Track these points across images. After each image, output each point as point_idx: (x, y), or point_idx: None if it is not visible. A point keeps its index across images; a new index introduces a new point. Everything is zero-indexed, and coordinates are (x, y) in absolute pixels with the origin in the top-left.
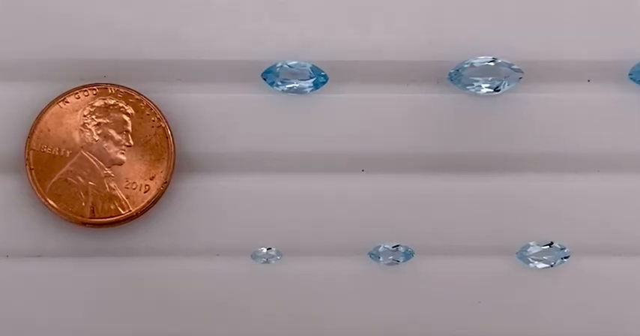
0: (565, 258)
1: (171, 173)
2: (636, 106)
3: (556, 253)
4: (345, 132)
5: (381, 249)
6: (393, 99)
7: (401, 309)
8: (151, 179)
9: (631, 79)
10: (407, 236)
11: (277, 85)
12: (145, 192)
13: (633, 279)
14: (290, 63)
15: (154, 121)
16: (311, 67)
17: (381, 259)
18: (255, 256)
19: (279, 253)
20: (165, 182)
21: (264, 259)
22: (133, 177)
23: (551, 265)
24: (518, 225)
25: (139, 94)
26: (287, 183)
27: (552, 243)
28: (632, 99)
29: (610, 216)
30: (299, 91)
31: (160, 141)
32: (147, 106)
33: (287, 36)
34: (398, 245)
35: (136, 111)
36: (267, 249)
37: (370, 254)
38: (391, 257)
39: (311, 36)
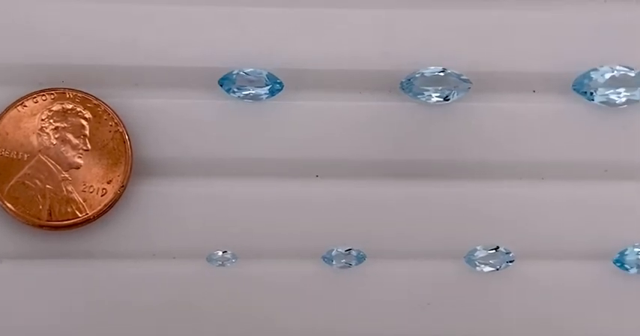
0: (510, 262)
1: (129, 177)
2: (579, 116)
3: (501, 257)
4: (299, 138)
5: (334, 252)
6: (347, 107)
7: (353, 311)
8: (108, 183)
9: (574, 90)
10: (359, 240)
11: (233, 92)
12: (102, 195)
13: (575, 282)
14: (246, 70)
15: (111, 125)
16: (267, 75)
17: (333, 263)
18: (210, 259)
19: (234, 256)
20: (123, 186)
21: (220, 262)
22: (90, 180)
23: (497, 269)
24: (466, 230)
25: (97, 98)
26: (242, 187)
27: (498, 247)
28: (576, 109)
29: (553, 222)
30: (255, 97)
31: (117, 145)
32: (104, 110)
33: (244, 44)
34: (350, 249)
35: (94, 115)
36: (223, 252)
37: (323, 258)
38: (344, 261)
39: (267, 44)
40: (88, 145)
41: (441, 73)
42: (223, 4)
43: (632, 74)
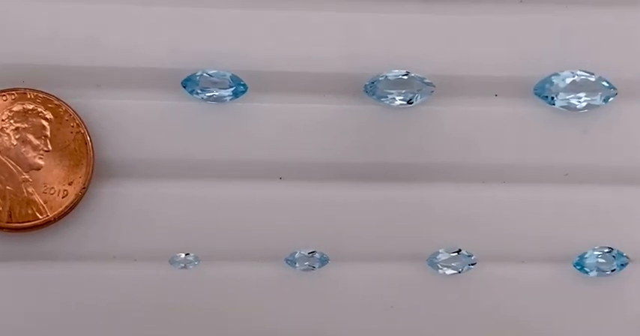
0: (472, 265)
1: (90, 179)
2: (540, 120)
3: (463, 260)
4: (263, 140)
5: (297, 255)
6: (311, 109)
7: (316, 314)
8: (69, 184)
9: (536, 94)
10: (322, 243)
11: (197, 93)
12: (63, 197)
13: (536, 285)
14: (210, 72)
15: (73, 126)
16: (231, 77)
17: (297, 265)
18: (173, 261)
19: (196, 258)
20: (84, 187)
21: (182, 265)
22: (51, 182)
23: (459, 272)
24: (428, 232)
25: (59, 99)
26: (205, 189)
27: (460, 250)
28: (537, 113)
29: (514, 225)
30: (218, 99)
31: (78, 146)
32: (66, 111)
33: (208, 45)
34: (314, 251)
35: (55, 116)
36: (185, 254)
37: (286, 260)
38: (307, 263)
39: (232, 46)
40: (49, 146)
41: (405, 77)
42: (187, 4)
43: (593, 79)
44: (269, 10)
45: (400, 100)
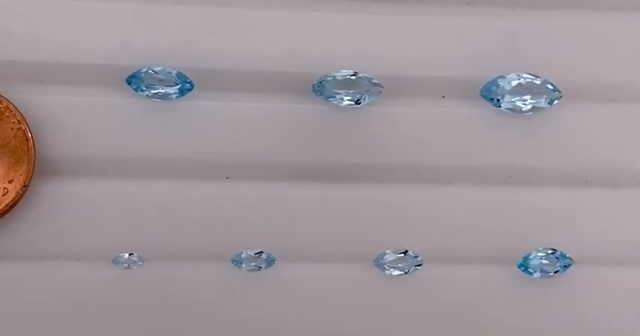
0: (418, 265)
1: (31, 177)
2: (486, 122)
3: (410, 261)
4: (209, 139)
5: (243, 255)
6: (258, 108)
7: (262, 315)
8: (9, 182)
9: (482, 96)
10: (269, 243)
11: (142, 91)
12: (3, 195)
13: (481, 286)
14: (156, 69)
15: (13, 123)
16: (177, 74)
17: (243, 266)
18: (116, 261)
19: (141, 258)
20: (25, 186)
21: (126, 265)
22: None
23: (406, 272)
24: (375, 233)
25: None
26: (150, 189)
27: (407, 251)
28: (483, 115)
29: (460, 226)
30: (164, 97)
31: (19, 143)
32: (7, 107)
33: (153, 42)
34: (260, 252)
35: None
36: (129, 254)
37: (233, 260)
38: (253, 263)
39: (178, 43)
40: None
41: (353, 77)
42: (135, 0)
43: (538, 82)
44: (217, 7)
45: (348, 100)
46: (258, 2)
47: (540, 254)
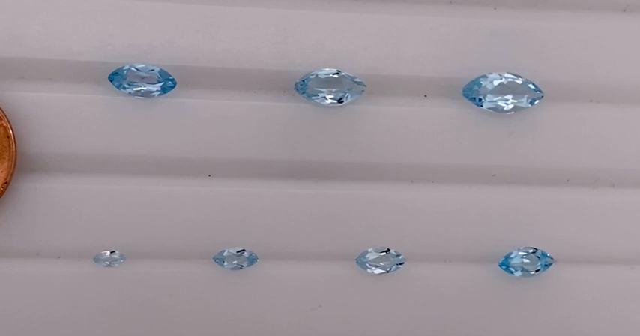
0: (400, 264)
1: (12, 173)
2: (469, 120)
3: (392, 260)
4: (192, 137)
5: (225, 253)
6: (241, 106)
7: (244, 313)
8: None
9: (464, 95)
10: (251, 241)
11: (124, 88)
12: None
13: (462, 284)
14: (138, 66)
15: None
16: (159, 71)
17: (225, 264)
18: (97, 259)
19: (122, 256)
20: (6, 182)
21: (107, 263)
22: None
23: (387, 271)
24: (357, 232)
25: None
26: (132, 186)
27: (389, 250)
28: (465, 114)
29: (442, 225)
30: (146, 94)
31: (0, 140)
32: None
33: (136, 39)
34: (242, 250)
35: None
36: (111, 252)
37: (215, 258)
38: (235, 262)
39: (160, 40)
40: None
41: (335, 75)
42: None
43: (520, 82)
44: (200, 4)
45: (331, 98)
46: (242, 0)
47: (521, 253)
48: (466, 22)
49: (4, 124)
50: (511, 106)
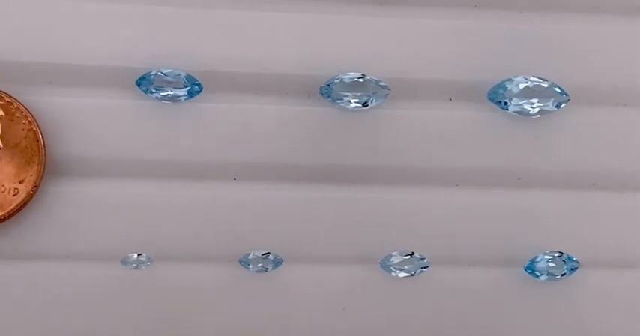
0: (425, 267)
1: (42, 177)
2: (493, 124)
3: (416, 263)
4: (217, 141)
5: (250, 256)
6: (266, 110)
7: (269, 315)
8: (20, 183)
9: (489, 99)
10: (276, 244)
11: (151, 92)
12: (13, 195)
13: (487, 288)
14: (165, 71)
15: (24, 124)
16: (186, 76)
17: (250, 266)
18: (125, 261)
19: (149, 258)
20: (35, 186)
21: (135, 265)
22: (1, 180)
23: (412, 274)
24: (381, 235)
25: (10, 96)
26: (159, 189)
27: (413, 253)
28: (490, 117)
29: (467, 228)
30: (173, 99)
31: (30, 144)
32: (17, 108)
33: (163, 44)
34: (267, 253)
35: (6, 113)
36: (138, 255)
37: (240, 261)
38: (260, 264)
39: (187, 45)
40: (0, 144)
41: (360, 79)
42: (144, 2)
43: (545, 85)
44: (225, 10)
45: (355, 102)
46: (267, 5)
47: (547, 257)
48: (491, 26)
49: (34, 129)
50: (537, 109)
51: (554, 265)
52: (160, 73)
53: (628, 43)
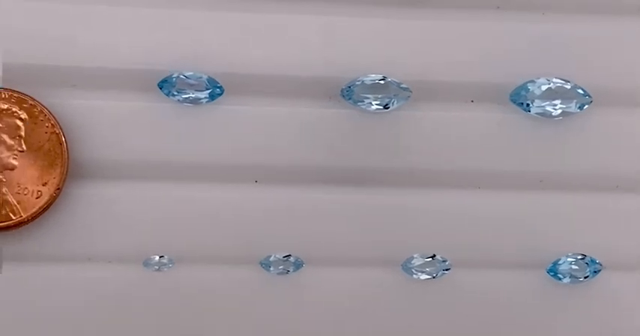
0: (446, 270)
1: (65, 179)
2: (516, 126)
3: (438, 265)
4: (239, 143)
5: (272, 258)
6: (287, 112)
7: (290, 318)
8: (43, 185)
9: (512, 101)
10: (297, 246)
11: (173, 95)
12: (37, 198)
13: (509, 291)
14: (186, 73)
15: (47, 126)
16: (207, 79)
17: (271, 269)
18: (147, 263)
19: (171, 261)
20: (58, 188)
21: (156, 267)
22: (25, 182)
23: (433, 277)
24: (403, 238)
25: (34, 99)
26: (180, 192)
27: (435, 255)
28: (512, 120)
29: (489, 231)
30: (194, 101)
31: (53, 147)
32: (41, 111)
33: (184, 47)
34: (289, 255)
35: (30, 116)
36: (160, 257)
37: (261, 263)
38: (281, 267)
39: (209, 48)
40: (24, 146)
41: (382, 81)
42: (165, 6)
43: (568, 87)
44: (246, 12)
45: (377, 104)
46: (288, 7)
47: (570, 259)
48: (513, 27)
49: (57, 131)
50: (559, 111)
51: (577, 267)
52: (181, 76)
53: None
